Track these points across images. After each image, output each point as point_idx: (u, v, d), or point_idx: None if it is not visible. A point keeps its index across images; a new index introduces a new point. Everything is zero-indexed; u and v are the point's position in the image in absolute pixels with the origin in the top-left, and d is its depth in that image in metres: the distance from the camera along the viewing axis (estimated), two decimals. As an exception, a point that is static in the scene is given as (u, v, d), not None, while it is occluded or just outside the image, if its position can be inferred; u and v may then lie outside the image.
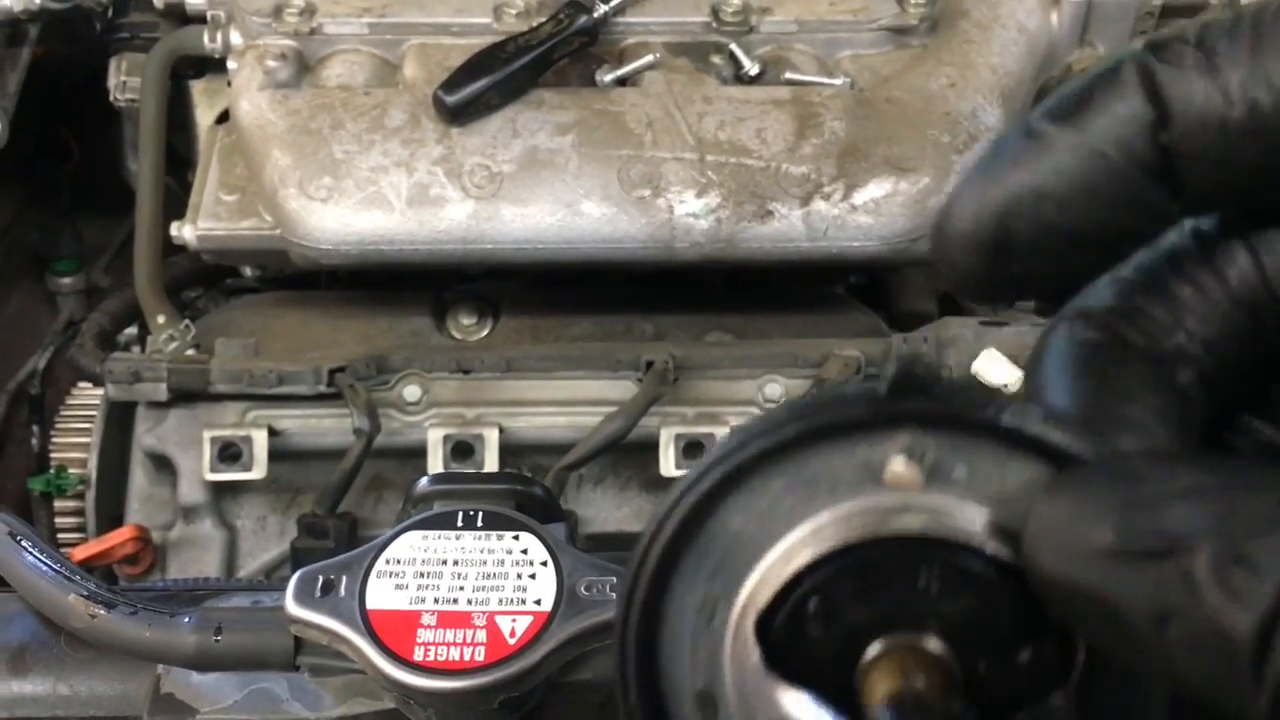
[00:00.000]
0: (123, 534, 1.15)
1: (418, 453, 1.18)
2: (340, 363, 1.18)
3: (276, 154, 1.18)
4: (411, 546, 0.78)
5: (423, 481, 0.87)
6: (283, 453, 1.19)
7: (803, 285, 1.42)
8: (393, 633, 0.73)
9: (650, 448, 1.18)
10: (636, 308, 1.32)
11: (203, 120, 1.41)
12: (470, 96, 1.17)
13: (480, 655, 0.73)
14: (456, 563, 0.77)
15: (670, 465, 1.17)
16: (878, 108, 1.21)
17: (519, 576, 0.76)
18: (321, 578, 0.76)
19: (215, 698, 0.81)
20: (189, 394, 1.20)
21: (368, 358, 1.19)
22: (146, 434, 1.21)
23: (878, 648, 0.38)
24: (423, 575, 0.76)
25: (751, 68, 1.26)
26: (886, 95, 1.22)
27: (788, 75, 1.25)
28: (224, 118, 1.32)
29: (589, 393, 1.21)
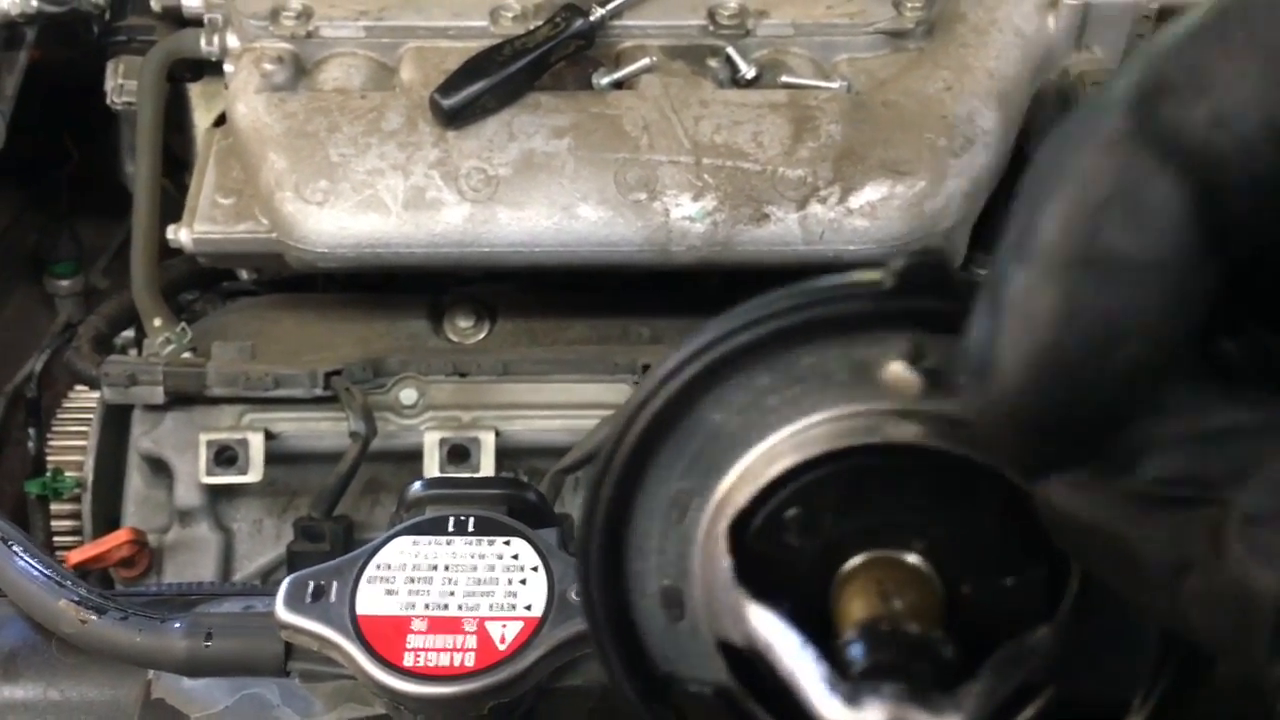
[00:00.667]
0: (119, 537, 1.15)
1: (414, 456, 1.18)
2: (337, 366, 1.18)
3: (273, 157, 1.18)
4: (402, 552, 0.78)
5: (415, 486, 0.87)
6: (279, 456, 1.20)
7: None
8: (383, 638, 0.73)
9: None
10: (633, 311, 1.32)
11: (200, 123, 1.41)
12: (467, 100, 1.17)
13: (470, 661, 0.73)
14: (447, 568, 0.77)
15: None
16: (874, 111, 1.21)
17: (510, 582, 0.76)
18: (312, 583, 0.76)
19: (206, 703, 0.81)
20: (185, 397, 1.20)
21: (364, 361, 1.19)
22: (143, 437, 1.22)
23: (857, 561, 0.36)
24: (413, 581, 0.76)
25: (748, 71, 1.25)
26: (883, 99, 1.22)
27: (784, 78, 1.24)
28: (221, 121, 1.32)
29: (585, 396, 1.21)
